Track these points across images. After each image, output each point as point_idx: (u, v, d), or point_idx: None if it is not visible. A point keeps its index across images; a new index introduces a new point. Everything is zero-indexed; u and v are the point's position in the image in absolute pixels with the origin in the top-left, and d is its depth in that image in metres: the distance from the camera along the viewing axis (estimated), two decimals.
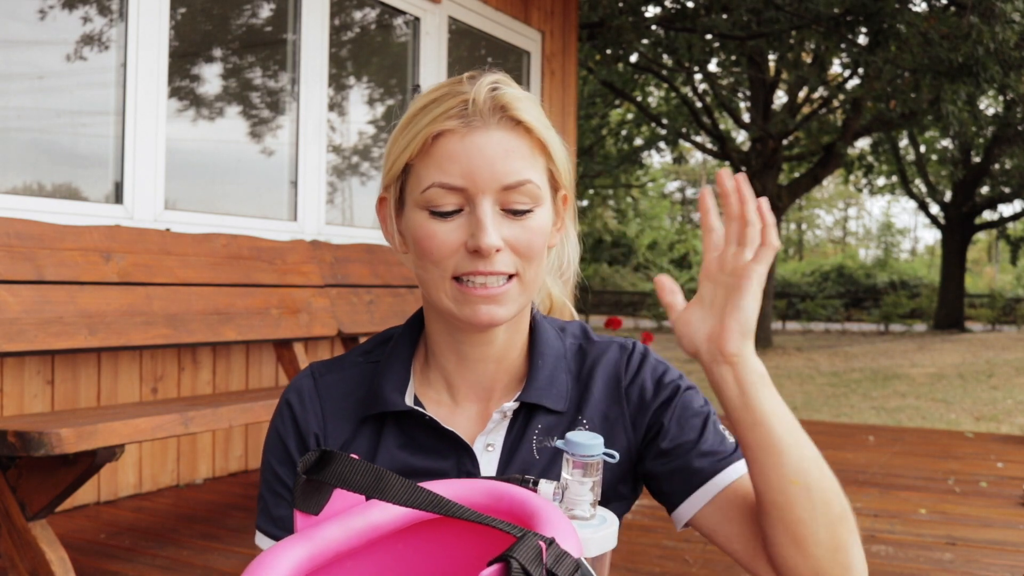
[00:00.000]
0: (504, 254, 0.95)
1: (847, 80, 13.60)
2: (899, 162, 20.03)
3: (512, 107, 0.96)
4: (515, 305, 0.98)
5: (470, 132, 0.94)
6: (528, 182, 0.95)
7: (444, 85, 0.99)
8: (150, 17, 3.41)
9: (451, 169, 0.94)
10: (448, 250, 0.95)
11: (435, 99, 0.97)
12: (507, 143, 0.95)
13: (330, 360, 1.10)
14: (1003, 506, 3.49)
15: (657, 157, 23.46)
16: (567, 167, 1.03)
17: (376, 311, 3.90)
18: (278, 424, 1.06)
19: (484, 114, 0.95)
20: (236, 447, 3.85)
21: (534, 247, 0.97)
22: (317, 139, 4.23)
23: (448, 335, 1.03)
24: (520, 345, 1.06)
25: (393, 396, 1.02)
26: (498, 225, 0.95)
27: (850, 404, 8.38)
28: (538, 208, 0.97)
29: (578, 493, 0.86)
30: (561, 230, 1.07)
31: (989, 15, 7.28)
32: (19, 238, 2.65)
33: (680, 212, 41.54)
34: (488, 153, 0.94)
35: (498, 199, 0.95)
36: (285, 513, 1.03)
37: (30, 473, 2.19)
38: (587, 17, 9.46)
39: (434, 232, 0.95)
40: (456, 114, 0.94)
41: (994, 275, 36.28)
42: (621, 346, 1.09)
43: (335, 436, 1.03)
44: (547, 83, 5.83)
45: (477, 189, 0.94)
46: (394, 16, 4.87)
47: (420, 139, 0.95)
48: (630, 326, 19.58)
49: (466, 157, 0.94)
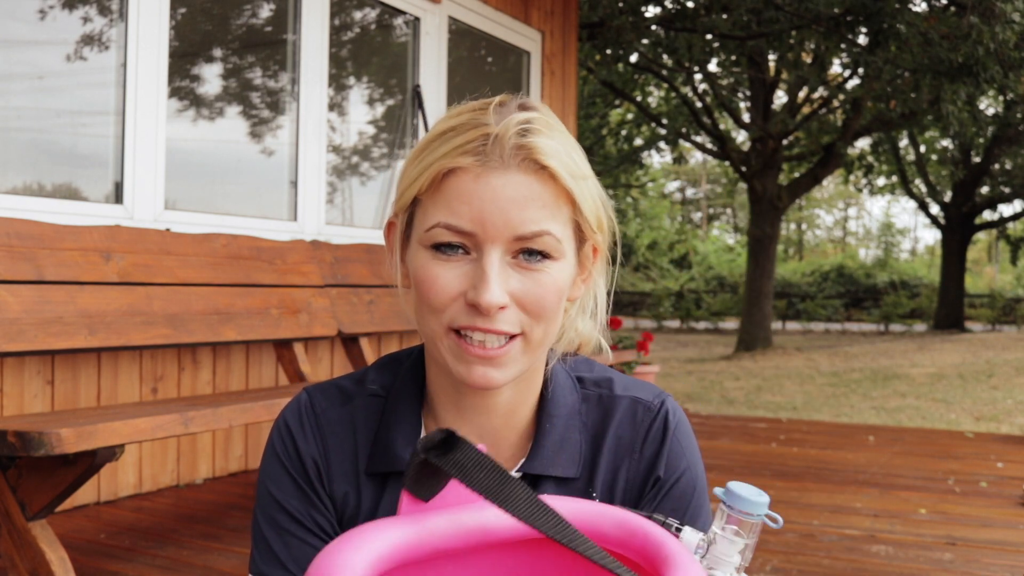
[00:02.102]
0: (509, 311, 0.85)
1: (847, 80, 13.60)
2: (899, 162, 20.03)
3: (538, 150, 0.84)
4: (516, 367, 0.88)
5: (485, 172, 0.83)
6: (545, 234, 0.84)
7: (467, 111, 0.88)
8: (150, 17, 3.41)
9: (460, 210, 0.83)
10: (448, 297, 0.85)
11: (454, 127, 0.86)
12: (527, 188, 0.84)
13: (328, 388, 0.99)
14: (1003, 506, 3.49)
15: (657, 157, 23.47)
16: (600, 216, 0.92)
17: (376, 311, 3.90)
18: (279, 451, 0.96)
19: (504, 153, 0.83)
20: (236, 447, 3.85)
21: (545, 305, 0.86)
22: (317, 139, 4.23)
23: (448, 384, 0.94)
24: (531, 401, 0.96)
25: (405, 452, 0.93)
26: (506, 278, 0.84)
27: (850, 404, 8.38)
28: (555, 262, 0.86)
29: (725, 552, 0.75)
30: (587, 281, 0.96)
31: (989, 15, 7.28)
32: (19, 238, 2.65)
33: (680, 212, 41.54)
34: (503, 197, 0.83)
35: (509, 248, 0.85)
36: (298, 553, 0.92)
37: (30, 473, 2.19)
38: (587, 17, 9.46)
39: (435, 276, 0.85)
40: (473, 150, 0.84)
41: (994, 275, 36.28)
42: (647, 406, 0.97)
43: (338, 482, 0.94)
44: (547, 83, 5.83)
45: (487, 236, 0.83)
46: (394, 16, 4.87)
47: (430, 173, 0.85)
48: (630, 326, 19.58)
49: (478, 200, 0.83)
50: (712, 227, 43.11)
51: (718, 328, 22.32)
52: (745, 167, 14.75)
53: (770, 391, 9.42)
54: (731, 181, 29.85)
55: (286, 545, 0.93)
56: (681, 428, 0.98)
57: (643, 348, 5.64)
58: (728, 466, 4.26)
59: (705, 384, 10.09)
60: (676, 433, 0.97)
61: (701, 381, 10.42)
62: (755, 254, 14.77)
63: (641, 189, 28.61)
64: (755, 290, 14.73)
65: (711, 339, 18.74)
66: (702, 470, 0.99)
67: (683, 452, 0.97)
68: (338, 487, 0.94)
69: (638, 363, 5.58)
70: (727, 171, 27.76)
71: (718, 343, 17.28)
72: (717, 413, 7.29)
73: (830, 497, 3.61)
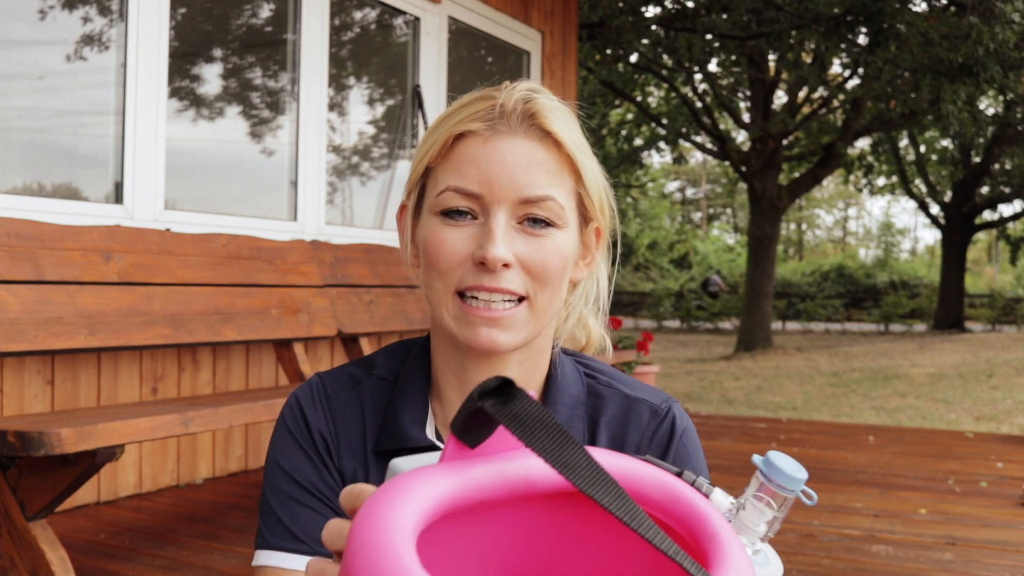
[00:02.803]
0: (514, 272, 0.88)
1: (847, 80, 13.60)
2: (899, 162, 20.03)
3: (543, 116, 0.89)
4: (521, 333, 0.89)
5: (493, 136, 0.88)
6: (549, 198, 0.88)
7: (480, 91, 0.93)
8: (150, 17, 3.41)
9: (468, 173, 0.87)
10: (456, 260, 0.88)
11: (467, 102, 0.91)
12: (532, 154, 0.88)
13: (339, 373, 1.01)
14: (1003, 506, 3.49)
15: (657, 157, 23.46)
16: (602, 198, 0.95)
17: (376, 311, 3.90)
18: (290, 424, 0.97)
19: (511, 120, 0.88)
20: (236, 447, 3.85)
21: (549, 269, 0.89)
22: (317, 139, 4.23)
23: (454, 360, 0.95)
24: (535, 383, 0.97)
25: (412, 430, 0.94)
26: (510, 239, 0.87)
27: (850, 404, 8.38)
28: (559, 230, 0.89)
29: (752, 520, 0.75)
30: (591, 265, 0.98)
31: (989, 15, 7.28)
32: (19, 238, 2.65)
33: (680, 212, 41.54)
34: (510, 161, 0.87)
35: (515, 212, 0.88)
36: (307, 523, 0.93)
37: (30, 473, 2.19)
38: (587, 17, 9.46)
39: (444, 239, 0.88)
40: (482, 117, 0.88)
41: (994, 275, 36.29)
42: (653, 409, 0.98)
43: (346, 459, 0.96)
44: (547, 83, 5.83)
45: (493, 198, 0.87)
46: (394, 16, 4.87)
47: (441, 140, 0.89)
48: (630, 326, 19.57)
49: (486, 162, 0.87)
50: (712, 227, 43.11)
51: (718, 328, 22.32)
52: (745, 167, 14.74)
53: (770, 391, 9.42)
54: (731, 181, 29.85)
55: (295, 516, 0.93)
56: (688, 434, 0.98)
57: (643, 348, 5.64)
58: (728, 466, 4.26)
59: (705, 384, 10.09)
60: (683, 438, 0.97)
61: (701, 381, 10.42)
62: (755, 254, 14.77)
63: (641, 189, 28.61)
64: (755, 290, 14.73)
65: (711, 339, 18.74)
66: (707, 476, 0.99)
67: (688, 457, 0.97)
68: (347, 463, 0.96)
69: (638, 363, 5.58)
70: (727, 171, 27.76)
71: (718, 343, 17.28)
72: (717, 413, 7.28)
73: (830, 497, 3.61)
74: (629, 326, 19.16)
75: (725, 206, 42.37)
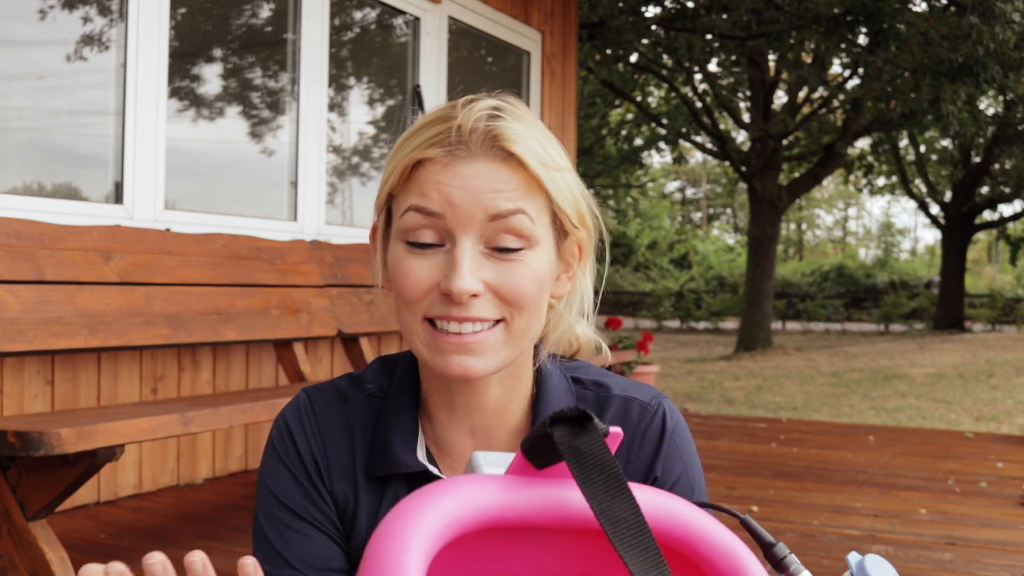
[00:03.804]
0: (484, 299, 0.84)
1: (847, 80, 13.59)
2: (899, 162, 20.03)
3: (505, 137, 0.84)
4: (496, 357, 0.86)
5: (454, 161, 0.83)
6: (519, 211, 0.83)
7: (440, 109, 0.89)
8: (150, 17, 3.41)
9: (429, 193, 0.84)
10: (421, 289, 0.85)
11: (424, 124, 0.87)
12: (495, 176, 0.83)
13: (326, 388, 0.98)
14: (1003, 506, 3.49)
15: (657, 157, 23.47)
16: (580, 210, 0.90)
17: (376, 311, 3.90)
18: (279, 449, 0.95)
19: (471, 144, 0.84)
20: (236, 447, 3.85)
21: (523, 293, 0.85)
22: (317, 139, 4.24)
23: (439, 382, 0.93)
24: (521, 399, 0.95)
25: (405, 455, 0.92)
26: (479, 266, 0.84)
27: (850, 404, 8.38)
28: (531, 250, 0.85)
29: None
30: (573, 279, 0.94)
31: (989, 15, 7.28)
32: (19, 238, 2.65)
33: (680, 212, 41.54)
34: (473, 184, 0.83)
35: (483, 235, 0.84)
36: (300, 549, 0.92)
37: (30, 473, 2.19)
38: (587, 17, 9.46)
39: (410, 268, 0.85)
40: (440, 141, 0.84)
41: (994, 275, 36.29)
42: (643, 408, 0.96)
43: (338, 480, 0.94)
44: (547, 83, 5.83)
45: (458, 221, 0.83)
46: (394, 16, 4.87)
47: (400, 168, 0.86)
48: (630, 326, 19.58)
49: (447, 186, 0.83)
50: (712, 227, 43.11)
51: (718, 328, 22.32)
52: (745, 167, 14.75)
53: (770, 391, 9.42)
54: (731, 181, 29.86)
55: (287, 541, 0.92)
56: (679, 430, 0.97)
57: (643, 348, 5.64)
58: (728, 466, 4.26)
59: (705, 384, 10.09)
60: (674, 435, 0.96)
61: (701, 381, 10.42)
62: (755, 254, 14.77)
63: (641, 189, 28.62)
64: (755, 290, 14.73)
65: (711, 339, 18.74)
66: (700, 472, 0.98)
67: (680, 454, 0.96)
68: (338, 485, 0.94)
69: (638, 363, 5.58)
70: (727, 171, 27.76)
71: (718, 343, 17.28)
72: (717, 413, 7.29)
73: (830, 497, 3.61)
74: (629, 326, 19.16)
75: (725, 206, 42.37)
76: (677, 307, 23.74)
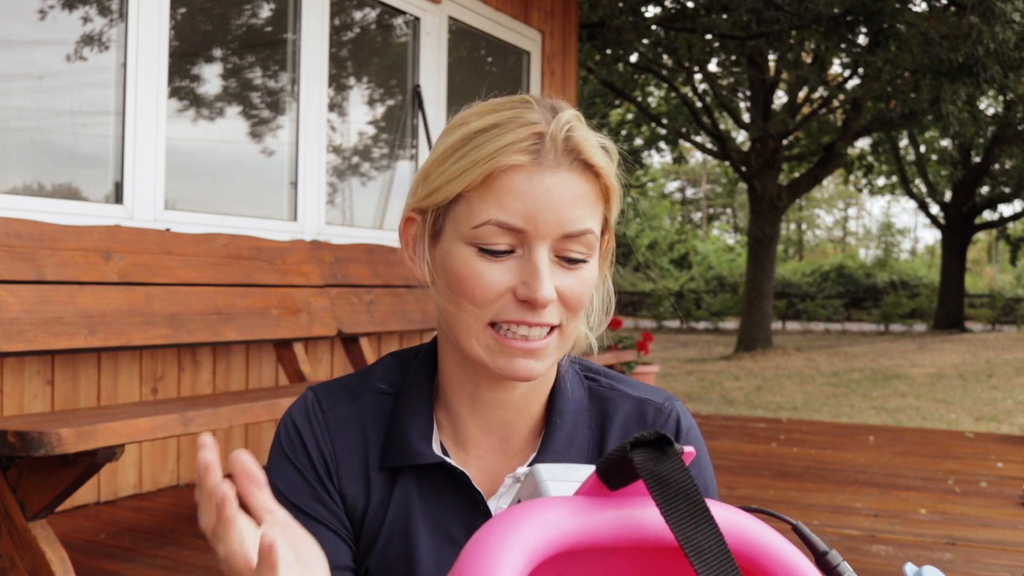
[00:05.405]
0: (553, 306, 0.87)
1: (847, 80, 13.59)
2: (899, 162, 20.03)
3: (586, 150, 0.86)
4: (552, 359, 0.90)
5: (540, 171, 0.84)
6: (589, 232, 0.87)
7: (505, 106, 0.88)
8: (150, 17, 3.41)
9: (513, 208, 0.84)
10: (494, 294, 0.86)
11: (499, 123, 0.86)
12: (575, 188, 0.86)
13: (334, 386, 0.98)
14: (1003, 506, 3.49)
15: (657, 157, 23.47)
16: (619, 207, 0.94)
17: (376, 311, 3.90)
18: (286, 447, 0.95)
19: (557, 153, 0.85)
20: (236, 447, 3.85)
21: (584, 300, 0.89)
22: (317, 139, 4.23)
23: (466, 378, 0.94)
24: (542, 396, 0.97)
25: (421, 446, 0.93)
26: (552, 274, 0.86)
27: (850, 404, 8.38)
28: (591, 259, 0.89)
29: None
30: (604, 278, 0.98)
31: (989, 15, 7.28)
32: (19, 238, 2.65)
33: (680, 212, 41.54)
34: (556, 196, 0.84)
35: (554, 247, 0.86)
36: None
37: (30, 473, 2.19)
38: (587, 17, 9.46)
39: (481, 272, 0.85)
40: (527, 148, 0.84)
41: (994, 275, 36.29)
42: (657, 409, 0.98)
43: (347, 479, 0.94)
44: (547, 83, 5.83)
45: (537, 233, 0.85)
46: (394, 16, 4.87)
47: (482, 170, 0.84)
48: (630, 326, 19.58)
49: (532, 197, 0.84)
50: (712, 227, 43.11)
51: (718, 328, 22.32)
52: (745, 167, 14.74)
53: (770, 391, 9.42)
54: (731, 181, 29.85)
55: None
56: (692, 432, 0.99)
57: (643, 348, 5.64)
58: (728, 466, 4.26)
59: (705, 384, 10.09)
60: (688, 437, 0.97)
61: (701, 381, 10.42)
62: (755, 254, 14.76)
63: (641, 189, 28.62)
64: (755, 290, 14.73)
65: (711, 339, 18.74)
66: (712, 474, 0.99)
67: (694, 456, 0.96)
68: (348, 483, 0.94)
69: (638, 363, 5.58)
70: (727, 171, 27.75)
71: (718, 343, 17.28)
72: (717, 413, 7.29)
73: (830, 497, 3.61)
74: (629, 326, 19.16)
75: (725, 206, 42.36)
76: (677, 307, 23.72)
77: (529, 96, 0.90)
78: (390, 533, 0.94)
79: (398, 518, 0.94)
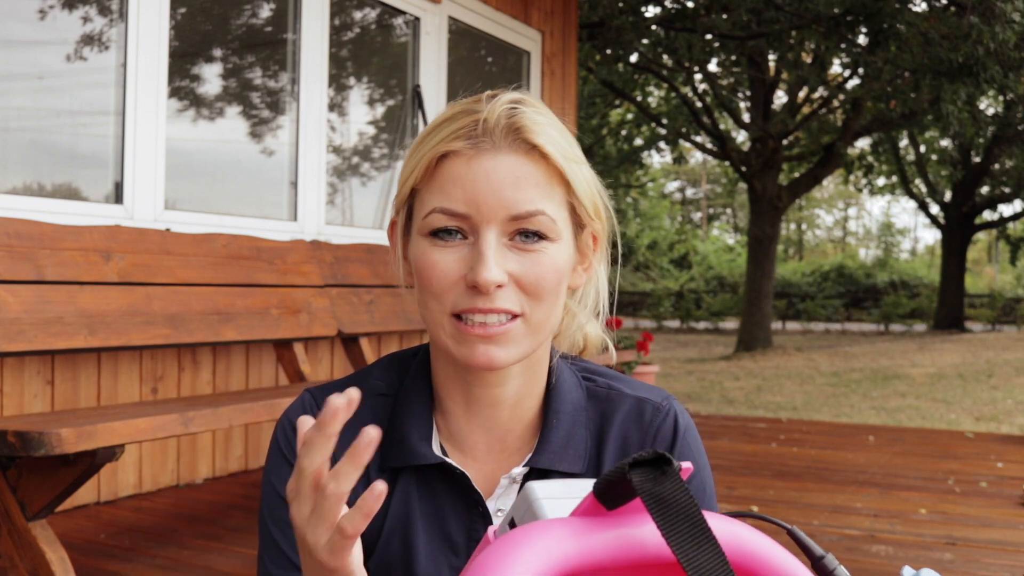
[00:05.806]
0: (508, 290, 0.86)
1: (847, 80, 13.59)
2: (899, 162, 20.03)
3: (528, 129, 0.86)
4: (518, 348, 0.88)
5: (477, 155, 0.85)
6: (540, 213, 0.86)
7: (461, 103, 0.90)
8: (150, 17, 3.41)
9: (454, 194, 0.85)
10: (448, 282, 0.86)
11: (448, 118, 0.88)
12: (519, 169, 0.85)
13: (331, 388, 0.98)
14: (1003, 506, 3.49)
15: (657, 157, 23.47)
16: (596, 203, 0.93)
17: (376, 311, 3.90)
18: (283, 448, 0.95)
19: (495, 136, 0.85)
20: (236, 447, 3.85)
21: (544, 284, 0.87)
22: (317, 139, 4.24)
23: (456, 376, 0.94)
24: (537, 393, 0.96)
25: (421, 447, 0.93)
26: (503, 258, 0.85)
27: (850, 404, 8.38)
28: (552, 243, 0.87)
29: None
30: (589, 270, 0.96)
31: (989, 15, 7.28)
32: (19, 238, 2.65)
33: (680, 212, 41.54)
34: (496, 179, 0.85)
35: (505, 230, 0.86)
36: None
37: (30, 473, 2.19)
38: (587, 17, 9.46)
39: (435, 262, 0.86)
40: (464, 134, 0.86)
41: (994, 275, 36.29)
42: (655, 408, 0.97)
43: None
44: (547, 83, 5.83)
45: (481, 218, 0.85)
46: (394, 16, 4.87)
47: (424, 161, 0.87)
48: (630, 326, 19.57)
49: (471, 182, 0.85)
50: (712, 227, 43.11)
51: (718, 328, 22.32)
52: (745, 167, 14.74)
53: (770, 391, 9.42)
54: (731, 181, 29.85)
55: (294, 543, 0.91)
56: (690, 431, 0.98)
57: (643, 348, 5.64)
58: (728, 466, 4.26)
59: (705, 384, 10.09)
60: (686, 436, 0.97)
61: (701, 381, 10.42)
62: (755, 254, 14.76)
63: (641, 189, 28.62)
64: (755, 290, 14.73)
65: (711, 339, 18.74)
66: (710, 473, 0.99)
67: (692, 455, 0.96)
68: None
69: (638, 363, 5.58)
70: (727, 171, 27.75)
71: (718, 343, 17.28)
72: (717, 413, 7.29)
73: (830, 497, 3.61)
74: (629, 326, 19.16)
75: (725, 206, 42.37)
76: (677, 307, 23.73)
77: (497, 91, 0.91)
78: (389, 534, 0.94)
79: (397, 519, 0.94)
